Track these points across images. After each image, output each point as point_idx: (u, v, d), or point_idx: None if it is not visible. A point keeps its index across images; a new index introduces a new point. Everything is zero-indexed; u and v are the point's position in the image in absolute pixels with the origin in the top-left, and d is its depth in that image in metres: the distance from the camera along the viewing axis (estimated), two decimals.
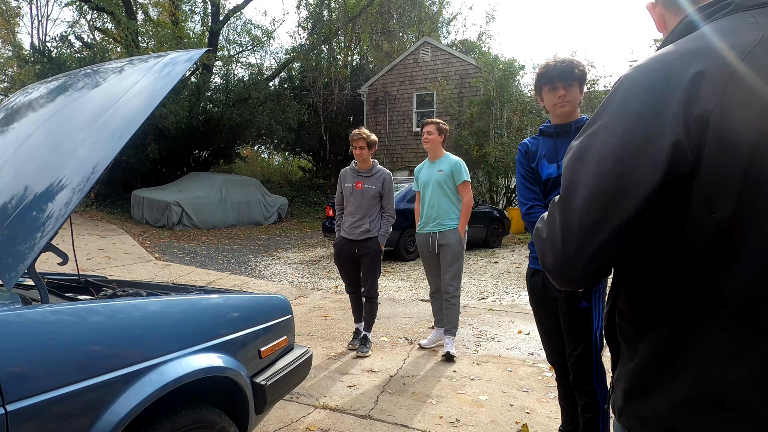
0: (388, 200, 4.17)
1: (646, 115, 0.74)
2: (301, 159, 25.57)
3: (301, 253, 10.04)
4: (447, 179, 4.09)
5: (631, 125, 0.74)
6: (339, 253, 4.20)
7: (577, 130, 2.27)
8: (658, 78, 0.75)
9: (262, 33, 23.17)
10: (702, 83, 0.72)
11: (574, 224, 0.77)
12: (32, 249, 1.48)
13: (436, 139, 4.14)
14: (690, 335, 0.75)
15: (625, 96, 0.78)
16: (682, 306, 0.75)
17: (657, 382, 0.79)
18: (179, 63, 1.92)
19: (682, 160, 0.71)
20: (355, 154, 4.12)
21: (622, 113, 0.76)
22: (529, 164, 2.38)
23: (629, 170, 0.73)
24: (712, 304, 0.73)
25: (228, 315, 1.93)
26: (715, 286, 0.72)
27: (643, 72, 0.77)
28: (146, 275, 7.39)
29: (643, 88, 0.76)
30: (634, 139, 0.74)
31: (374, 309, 4.25)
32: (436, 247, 4.12)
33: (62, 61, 13.55)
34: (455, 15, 27.09)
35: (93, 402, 1.35)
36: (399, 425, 2.90)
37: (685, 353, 0.75)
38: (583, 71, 2.25)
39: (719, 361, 0.72)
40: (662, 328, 0.78)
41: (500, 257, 9.67)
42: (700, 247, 0.72)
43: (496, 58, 15.02)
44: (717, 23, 0.78)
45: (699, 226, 0.72)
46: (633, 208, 0.73)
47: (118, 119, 1.74)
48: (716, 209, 0.71)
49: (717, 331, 0.72)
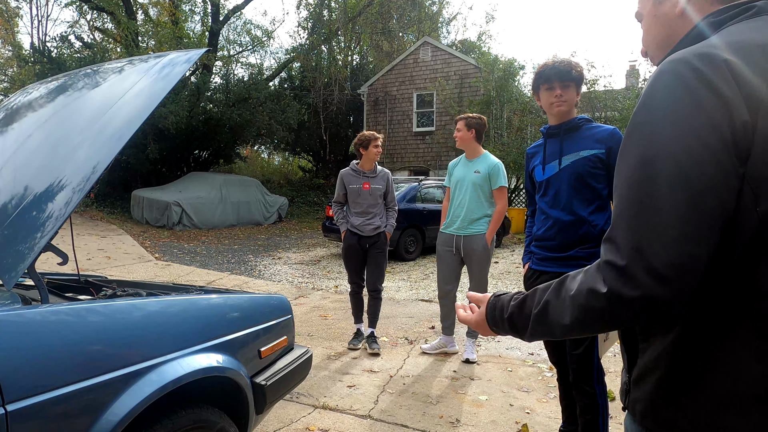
0: (391, 197, 4.36)
1: (711, 106, 0.71)
2: (301, 159, 25.58)
3: (301, 253, 10.04)
4: (483, 182, 3.84)
5: (695, 118, 0.71)
6: (349, 247, 4.30)
7: (574, 128, 2.29)
8: (703, 68, 0.72)
9: (262, 33, 23.16)
10: (745, 71, 0.71)
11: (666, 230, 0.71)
12: (32, 249, 1.48)
13: (465, 135, 3.87)
14: (727, 330, 0.74)
15: (668, 92, 0.74)
16: (720, 299, 0.74)
17: (693, 381, 0.77)
18: (178, 64, 1.92)
19: (749, 143, 0.69)
20: (374, 153, 4.21)
21: (676, 110, 0.73)
22: (528, 171, 2.51)
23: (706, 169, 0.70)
24: (752, 296, 0.72)
25: (228, 315, 1.93)
26: (755, 279, 0.72)
27: (681, 63, 0.75)
28: (146, 275, 7.38)
29: (690, 78, 0.73)
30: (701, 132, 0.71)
31: (379, 305, 4.34)
32: (461, 251, 3.93)
33: (62, 61, 13.55)
34: (455, 15, 27.15)
35: (93, 402, 1.35)
36: (399, 425, 2.90)
37: (721, 349, 0.74)
38: (580, 73, 2.28)
39: (756, 355, 0.72)
40: (696, 323, 0.76)
41: (500, 257, 9.66)
42: (745, 240, 0.72)
43: (496, 58, 15.01)
44: (741, 24, 0.79)
45: (746, 218, 0.71)
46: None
47: (118, 120, 1.74)
48: (761, 201, 0.70)
49: (756, 324, 0.72)
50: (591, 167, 2.22)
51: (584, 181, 2.23)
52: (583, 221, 2.22)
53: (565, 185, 2.27)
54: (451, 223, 3.99)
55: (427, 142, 16.81)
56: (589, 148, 2.23)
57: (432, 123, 16.93)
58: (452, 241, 3.96)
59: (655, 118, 0.74)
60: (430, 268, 8.44)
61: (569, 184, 2.26)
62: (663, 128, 0.73)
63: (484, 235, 3.89)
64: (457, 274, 4.09)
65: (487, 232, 3.89)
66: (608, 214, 2.26)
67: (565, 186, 2.27)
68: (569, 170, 2.26)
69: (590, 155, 2.22)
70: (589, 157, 2.22)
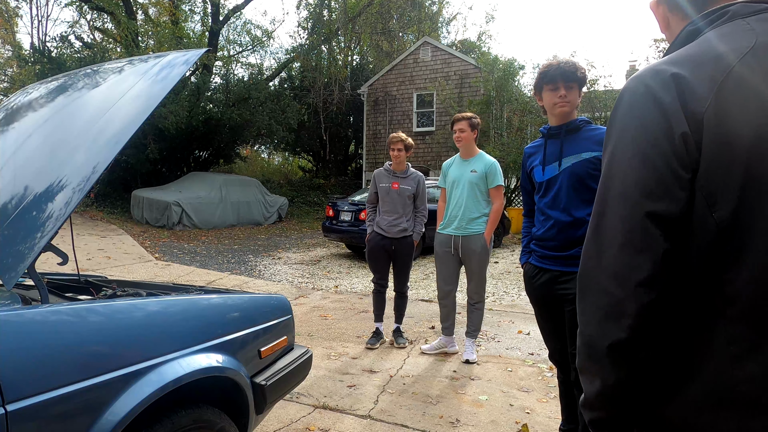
0: (421, 200, 4.41)
1: (652, 121, 0.77)
2: (301, 159, 25.59)
3: (301, 253, 10.04)
4: (480, 181, 3.85)
5: (639, 133, 0.78)
6: (374, 248, 4.37)
7: (575, 130, 2.29)
8: (653, 84, 0.78)
9: (262, 33, 23.21)
10: (692, 84, 0.75)
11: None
12: (32, 249, 1.48)
13: (469, 136, 3.86)
14: (703, 334, 0.76)
15: (630, 106, 0.81)
16: (694, 304, 0.76)
17: (671, 384, 0.79)
18: (176, 66, 1.92)
19: (692, 153, 0.73)
20: (392, 155, 4.31)
21: (627, 126, 0.80)
22: (525, 170, 2.51)
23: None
24: (721, 302, 0.74)
25: (228, 315, 1.93)
26: (723, 285, 0.73)
27: (638, 80, 0.81)
28: (146, 275, 7.38)
29: (641, 94, 0.79)
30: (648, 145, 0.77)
31: (405, 303, 4.48)
32: (459, 252, 3.93)
33: (62, 61, 13.53)
34: (455, 15, 27.25)
35: (93, 402, 1.35)
36: (399, 425, 2.90)
37: (699, 353, 0.76)
38: (584, 74, 2.29)
39: (731, 359, 0.73)
40: (673, 329, 0.78)
41: (500, 257, 9.67)
42: (703, 246, 0.74)
43: (496, 58, 15.01)
44: (717, 30, 0.81)
45: (702, 224, 0.74)
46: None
47: (117, 120, 1.74)
48: (716, 208, 0.72)
49: (728, 329, 0.73)
50: (591, 169, 2.22)
51: (584, 182, 2.23)
52: (583, 222, 2.22)
53: (564, 187, 2.27)
54: (448, 223, 3.98)
55: (427, 142, 16.81)
56: (590, 150, 2.24)
57: (432, 123, 16.93)
58: (450, 241, 3.95)
59: (613, 136, 0.82)
60: (430, 268, 8.44)
61: (569, 185, 2.26)
62: (618, 146, 0.81)
63: (483, 235, 3.89)
64: (457, 275, 4.09)
65: (486, 232, 3.89)
66: None
67: (564, 187, 2.27)
68: (569, 172, 2.26)
69: (591, 157, 2.22)
70: (589, 159, 2.23)
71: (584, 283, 0.81)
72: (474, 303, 4.02)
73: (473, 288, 4.00)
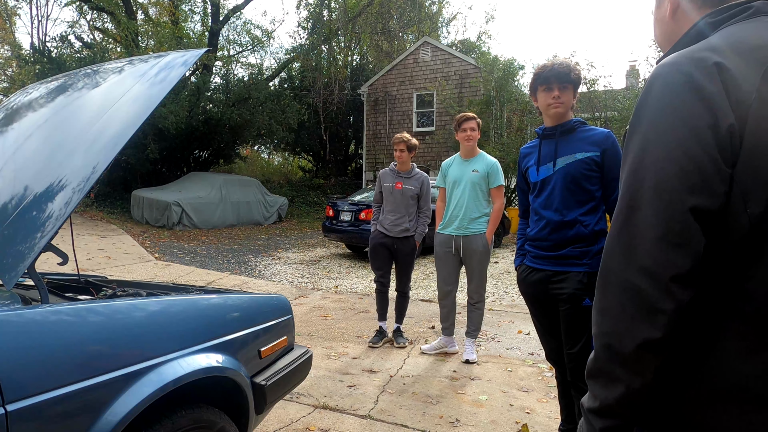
0: (425, 201, 4.42)
1: (694, 112, 0.73)
2: (301, 159, 25.58)
3: (301, 253, 10.04)
4: (482, 181, 3.85)
5: (680, 124, 0.73)
6: (375, 245, 4.41)
7: (570, 131, 2.30)
8: (695, 72, 0.74)
9: (262, 33, 23.19)
10: (735, 74, 0.72)
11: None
12: (32, 249, 1.48)
13: (477, 135, 3.89)
14: (714, 330, 0.75)
15: (662, 95, 0.77)
16: (709, 300, 0.75)
17: (680, 380, 0.78)
18: (176, 67, 1.91)
19: (735, 146, 0.71)
20: (395, 156, 4.38)
21: (663, 117, 0.76)
22: (521, 170, 2.53)
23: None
24: (739, 298, 0.73)
25: (228, 315, 1.93)
26: (744, 281, 0.73)
27: (674, 68, 0.76)
28: (146, 275, 7.38)
29: (679, 84, 0.74)
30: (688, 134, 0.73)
31: (406, 303, 4.49)
32: (460, 252, 3.92)
33: (62, 61, 13.52)
34: (455, 15, 27.25)
35: (93, 402, 1.35)
36: (399, 425, 2.90)
37: (709, 349, 0.76)
38: (578, 75, 2.30)
39: (740, 354, 0.73)
40: (686, 323, 0.77)
41: (500, 257, 9.67)
42: (735, 241, 0.73)
43: (496, 58, 15.00)
44: (740, 25, 0.79)
45: (736, 220, 0.72)
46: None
47: (117, 120, 1.74)
48: (750, 204, 0.71)
49: (740, 325, 0.73)
50: (585, 169, 2.23)
51: (578, 183, 2.24)
52: (575, 222, 2.23)
53: (559, 187, 2.28)
54: (449, 223, 3.97)
55: (427, 142, 16.81)
56: (584, 150, 2.24)
57: (432, 123, 16.93)
58: (451, 241, 3.95)
59: (644, 126, 0.77)
60: (430, 268, 8.44)
61: (563, 185, 2.27)
62: (651, 137, 0.76)
63: (484, 235, 3.89)
64: (457, 275, 4.09)
65: (487, 231, 3.90)
66: (600, 215, 2.28)
67: (558, 188, 2.28)
68: (563, 172, 2.27)
69: (585, 158, 2.23)
70: (584, 160, 2.23)
71: (607, 281, 0.77)
72: (474, 303, 4.02)
73: (473, 288, 4.00)
